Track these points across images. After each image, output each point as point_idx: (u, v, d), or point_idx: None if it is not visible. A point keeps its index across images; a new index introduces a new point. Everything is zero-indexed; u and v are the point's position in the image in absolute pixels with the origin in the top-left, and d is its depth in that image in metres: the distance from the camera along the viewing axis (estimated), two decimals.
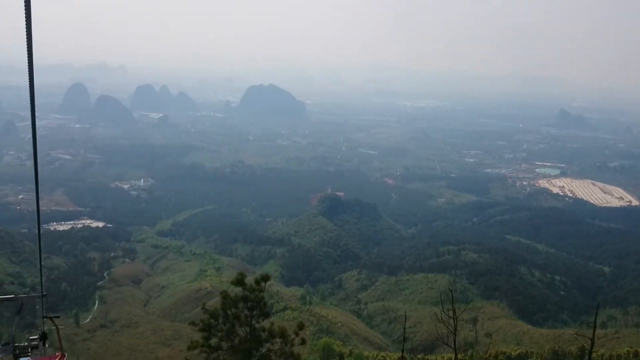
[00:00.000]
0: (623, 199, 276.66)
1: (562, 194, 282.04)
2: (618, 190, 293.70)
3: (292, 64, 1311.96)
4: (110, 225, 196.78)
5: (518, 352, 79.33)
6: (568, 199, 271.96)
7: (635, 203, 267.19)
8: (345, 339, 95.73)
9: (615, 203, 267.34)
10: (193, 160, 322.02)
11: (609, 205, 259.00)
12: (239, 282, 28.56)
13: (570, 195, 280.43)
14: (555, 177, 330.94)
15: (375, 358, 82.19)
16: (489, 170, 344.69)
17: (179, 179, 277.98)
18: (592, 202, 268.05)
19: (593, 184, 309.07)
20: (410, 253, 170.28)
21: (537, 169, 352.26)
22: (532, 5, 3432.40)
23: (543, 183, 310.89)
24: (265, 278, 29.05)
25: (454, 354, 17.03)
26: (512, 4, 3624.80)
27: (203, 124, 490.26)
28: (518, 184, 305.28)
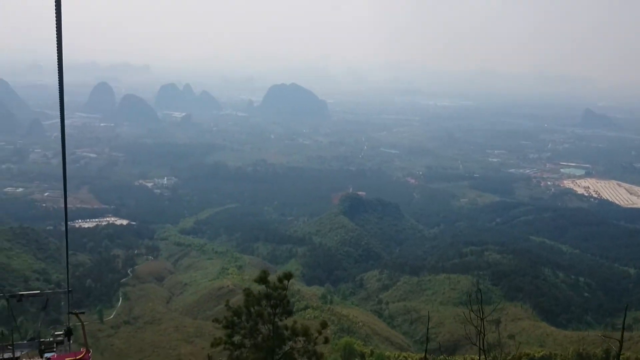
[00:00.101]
0: None
1: (587, 195, 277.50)
2: None
3: (315, 63, 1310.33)
4: (134, 223, 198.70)
5: (542, 353, 78.11)
6: (593, 200, 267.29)
7: None
8: (367, 339, 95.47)
9: None
10: (216, 159, 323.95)
11: (635, 207, 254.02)
12: (263, 279, 28.62)
13: (595, 196, 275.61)
14: (580, 177, 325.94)
15: (397, 358, 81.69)
16: (513, 170, 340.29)
17: (202, 178, 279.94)
18: (617, 203, 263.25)
19: (619, 185, 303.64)
20: (433, 253, 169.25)
21: (561, 169, 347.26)
22: (558, 3, 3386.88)
23: (568, 183, 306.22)
24: (288, 276, 29.09)
25: (479, 355, 16.84)
26: (538, 3, 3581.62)
27: (226, 123, 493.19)
28: (542, 184, 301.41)
